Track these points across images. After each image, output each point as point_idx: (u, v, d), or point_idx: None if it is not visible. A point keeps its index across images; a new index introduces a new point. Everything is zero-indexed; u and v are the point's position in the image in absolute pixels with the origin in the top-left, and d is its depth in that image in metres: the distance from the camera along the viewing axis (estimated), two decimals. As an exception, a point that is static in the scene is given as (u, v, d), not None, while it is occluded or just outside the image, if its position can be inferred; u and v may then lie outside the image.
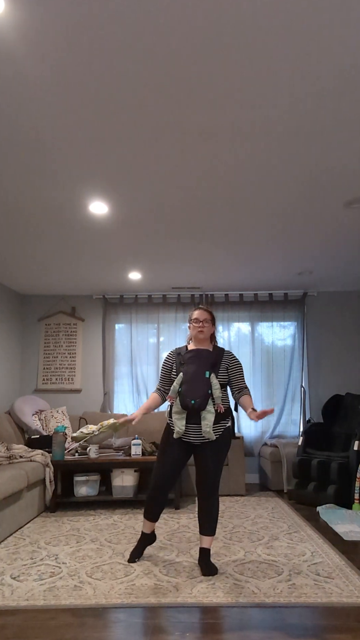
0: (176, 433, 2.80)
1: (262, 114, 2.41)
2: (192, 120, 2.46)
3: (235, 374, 2.94)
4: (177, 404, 2.83)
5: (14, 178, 3.07)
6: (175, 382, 2.86)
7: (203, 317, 2.94)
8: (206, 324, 2.94)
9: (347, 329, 6.04)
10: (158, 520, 3.23)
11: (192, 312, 3.00)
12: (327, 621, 2.16)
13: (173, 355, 3.04)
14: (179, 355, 2.98)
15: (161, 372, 3.07)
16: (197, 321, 2.94)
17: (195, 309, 3.01)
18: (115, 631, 2.11)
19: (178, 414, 2.82)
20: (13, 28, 1.86)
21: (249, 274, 5.31)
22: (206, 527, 2.85)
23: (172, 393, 2.86)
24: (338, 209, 3.57)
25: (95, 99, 2.28)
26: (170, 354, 3.06)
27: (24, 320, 6.18)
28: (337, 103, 2.32)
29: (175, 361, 2.98)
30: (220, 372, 2.89)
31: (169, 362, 3.04)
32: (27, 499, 3.91)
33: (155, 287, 5.86)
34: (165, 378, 3.04)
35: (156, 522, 2.99)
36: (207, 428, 2.76)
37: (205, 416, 2.78)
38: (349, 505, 4.24)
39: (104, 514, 4.19)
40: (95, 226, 3.89)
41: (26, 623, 2.19)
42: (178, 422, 2.81)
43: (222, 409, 2.82)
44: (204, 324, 2.93)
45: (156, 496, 2.89)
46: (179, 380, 2.84)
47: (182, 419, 2.81)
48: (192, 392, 2.77)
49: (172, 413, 2.86)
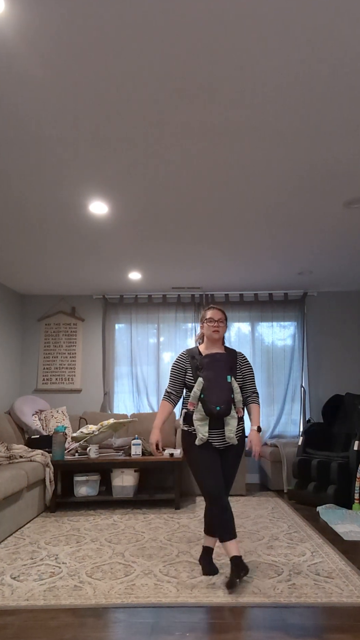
0: (199, 440, 2.69)
1: (262, 114, 2.41)
2: (192, 120, 2.46)
3: (247, 378, 2.89)
4: (200, 410, 2.71)
5: (13, 178, 3.07)
6: (196, 388, 2.73)
7: (218, 316, 2.86)
8: (221, 324, 2.85)
9: (347, 328, 6.04)
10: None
11: (205, 312, 2.90)
12: (327, 621, 2.16)
13: (186, 358, 2.88)
14: (193, 358, 2.85)
15: (172, 375, 2.88)
16: (212, 321, 2.85)
17: (208, 309, 2.91)
18: (115, 631, 2.11)
19: (201, 421, 2.72)
20: (13, 28, 1.86)
21: (249, 274, 5.31)
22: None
23: (194, 399, 2.74)
24: (338, 209, 3.57)
25: (95, 99, 2.28)
26: (182, 357, 2.90)
27: (24, 320, 6.18)
28: (337, 103, 2.32)
29: (190, 365, 2.84)
30: (237, 375, 2.84)
31: (181, 365, 2.87)
32: (27, 499, 3.91)
33: (155, 287, 5.86)
34: (177, 381, 2.87)
35: (237, 537, 2.74)
36: (230, 434, 2.70)
37: (229, 422, 2.71)
38: (349, 505, 4.24)
39: (104, 514, 4.19)
40: (95, 226, 3.89)
41: (26, 623, 2.19)
42: (201, 428, 2.70)
43: (242, 413, 2.80)
44: (219, 324, 2.84)
45: (221, 508, 2.63)
46: (200, 386, 2.73)
47: (205, 425, 2.71)
48: (216, 398, 2.68)
49: (194, 420, 2.73)
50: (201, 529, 3.68)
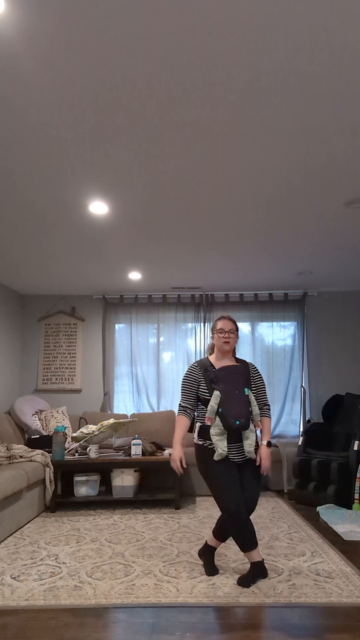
0: (219, 455, 2.61)
1: (262, 114, 2.41)
2: (192, 120, 2.46)
3: (260, 390, 2.83)
4: (219, 424, 2.63)
5: (13, 178, 3.07)
6: (213, 402, 2.65)
7: (228, 327, 2.79)
8: (232, 335, 2.79)
9: (347, 328, 6.04)
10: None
11: (216, 322, 2.84)
12: (327, 621, 2.16)
13: (199, 370, 2.79)
14: (206, 371, 2.76)
15: (184, 388, 2.79)
16: (223, 332, 2.78)
17: (219, 319, 2.85)
18: (115, 631, 2.11)
19: (219, 435, 2.63)
20: (13, 28, 1.86)
21: (249, 273, 5.31)
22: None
23: (211, 414, 2.66)
24: (338, 208, 3.57)
25: (95, 98, 2.28)
26: (194, 369, 2.81)
27: (24, 320, 6.18)
28: (337, 102, 2.32)
29: (203, 377, 2.75)
30: (252, 387, 2.78)
31: (194, 378, 2.78)
32: (27, 499, 3.91)
33: (155, 287, 5.86)
34: (190, 394, 2.77)
35: (257, 545, 2.68)
36: (250, 448, 2.64)
37: (248, 435, 2.66)
38: (349, 505, 4.24)
39: (104, 514, 4.19)
40: (95, 226, 3.89)
41: (26, 623, 2.19)
42: (220, 443, 2.62)
43: (260, 426, 2.74)
44: (229, 335, 2.78)
45: (242, 522, 2.60)
46: (217, 400, 2.65)
47: (223, 440, 2.63)
48: (235, 412, 2.61)
49: (212, 435, 2.65)
50: (201, 529, 3.68)
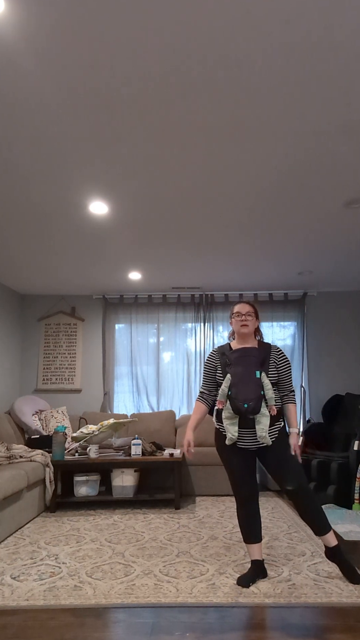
0: (229, 439, 2.57)
1: (262, 114, 2.41)
2: (192, 120, 2.46)
3: (284, 374, 2.71)
4: (228, 408, 2.58)
5: (13, 178, 3.07)
6: (224, 385, 2.61)
7: (245, 310, 2.71)
8: (249, 317, 2.70)
9: (347, 329, 6.04)
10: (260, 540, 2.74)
11: (233, 307, 2.78)
12: (327, 621, 2.16)
13: (216, 354, 2.76)
14: (223, 355, 2.72)
15: (204, 374, 2.79)
16: (239, 315, 2.71)
17: (235, 303, 2.79)
18: (115, 631, 2.11)
19: (230, 419, 2.58)
20: (13, 28, 1.86)
21: (248, 273, 5.31)
22: (317, 526, 2.56)
23: (222, 397, 2.61)
24: (338, 208, 3.57)
25: (95, 98, 2.28)
26: (213, 354, 2.78)
27: (24, 320, 6.18)
28: (337, 102, 2.32)
29: (219, 361, 2.72)
30: (270, 370, 2.65)
31: (212, 363, 2.76)
32: (27, 499, 3.91)
33: (155, 287, 5.87)
34: (209, 380, 2.77)
35: (261, 541, 2.67)
36: (262, 432, 2.52)
37: (260, 420, 2.54)
38: (349, 505, 4.24)
39: (104, 514, 4.19)
40: (95, 226, 3.89)
41: (26, 623, 2.19)
42: (230, 427, 2.57)
43: (275, 411, 2.59)
44: (246, 317, 2.70)
45: (249, 512, 2.59)
46: (227, 383, 2.60)
47: (234, 424, 2.57)
48: (243, 394, 2.53)
49: (223, 419, 2.60)
50: (201, 529, 3.68)
